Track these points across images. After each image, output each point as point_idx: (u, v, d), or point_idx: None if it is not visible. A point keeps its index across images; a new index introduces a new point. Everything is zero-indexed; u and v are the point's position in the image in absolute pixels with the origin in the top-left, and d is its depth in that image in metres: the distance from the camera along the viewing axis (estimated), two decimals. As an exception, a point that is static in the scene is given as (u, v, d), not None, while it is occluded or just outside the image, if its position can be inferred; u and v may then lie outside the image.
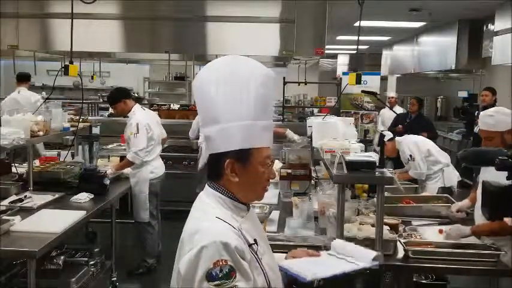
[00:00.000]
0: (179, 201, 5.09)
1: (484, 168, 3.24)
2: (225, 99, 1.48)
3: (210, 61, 1.61)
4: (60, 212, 3.59)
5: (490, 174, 2.68)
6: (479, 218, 3.20)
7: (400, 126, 7.39)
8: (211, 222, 1.46)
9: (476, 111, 7.55)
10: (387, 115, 8.67)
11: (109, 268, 4.27)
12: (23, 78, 6.86)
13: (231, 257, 1.39)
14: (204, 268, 1.37)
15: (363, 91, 7.66)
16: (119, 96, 4.79)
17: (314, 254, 1.94)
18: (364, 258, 1.88)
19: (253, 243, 1.50)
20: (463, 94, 10.50)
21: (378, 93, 8.36)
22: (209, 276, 1.36)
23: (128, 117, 4.80)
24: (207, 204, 1.53)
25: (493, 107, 6.90)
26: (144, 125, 4.67)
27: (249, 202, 1.61)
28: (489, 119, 3.13)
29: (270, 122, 1.55)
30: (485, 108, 7.06)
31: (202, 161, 6.39)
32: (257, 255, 1.50)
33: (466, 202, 3.49)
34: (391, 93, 9.25)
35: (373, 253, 1.89)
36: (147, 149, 4.72)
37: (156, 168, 4.87)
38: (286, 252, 1.99)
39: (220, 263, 1.37)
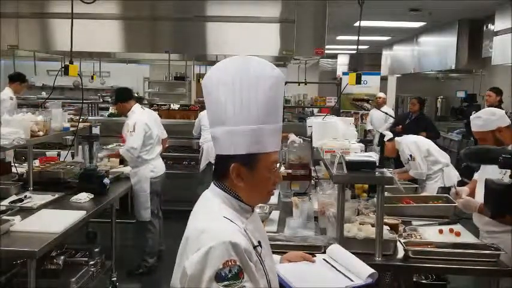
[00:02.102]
0: (179, 201, 5.09)
1: (483, 167, 3.26)
2: (234, 102, 1.45)
3: (210, 61, 1.60)
4: (60, 212, 3.59)
5: (491, 174, 2.69)
6: (476, 216, 3.22)
7: (399, 126, 7.40)
8: (219, 221, 1.44)
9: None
10: (375, 115, 8.72)
11: (109, 268, 4.26)
12: (13, 79, 6.94)
13: (240, 257, 1.37)
14: (213, 268, 1.35)
15: (354, 99, 7.85)
16: (120, 97, 4.92)
17: (309, 259, 1.93)
18: (359, 273, 1.83)
19: (258, 245, 1.49)
20: (461, 94, 10.52)
21: (370, 99, 8.49)
22: (218, 277, 1.34)
23: (127, 116, 4.88)
24: (213, 202, 1.52)
25: (497, 107, 6.95)
26: (141, 124, 4.72)
27: (254, 205, 1.59)
28: (477, 121, 3.22)
29: (279, 125, 1.53)
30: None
31: (204, 162, 6.40)
32: (261, 257, 1.49)
33: (465, 188, 3.52)
34: (380, 93, 9.29)
35: (369, 270, 1.84)
36: (146, 148, 4.76)
37: (156, 167, 4.89)
38: (284, 253, 1.99)
39: (230, 263, 1.35)
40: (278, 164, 1.55)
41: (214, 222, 1.44)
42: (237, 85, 1.46)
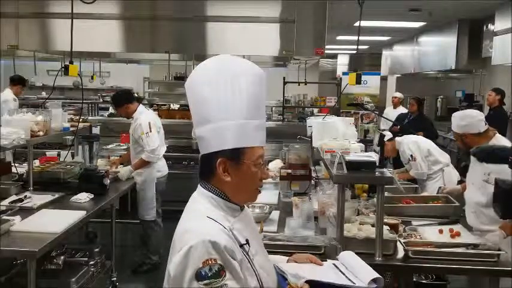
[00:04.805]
0: (179, 201, 5.08)
1: (472, 171, 3.26)
2: (218, 99, 1.48)
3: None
4: (60, 212, 3.59)
5: (476, 177, 2.69)
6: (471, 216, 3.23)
7: (397, 126, 7.39)
8: (200, 221, 1.46)
9: None
10: (390, 115, 8.69)
11: (109, 268, 4.27)
12: (14, 82, 7.00)
13: (220, 255, 1.38)
14: (193, 267, 1.36)
15: (348, 104, 7.92)
16: (122, 101, 4.85)
17: (316, 262, 1.90)
18: (363, 276, 1.79)
19: (245, 244, 1.49)
20: (459, 94, 10.54)
21: (366, 102, 8.55)
22: (198, 276, 1.36)
23: (132, 118, 4.83)
24: (199, 204, 1.53)
25: (498, 107, 6.96)
26: (154, 123, 4.76)
27: (242, 203, 1.59)
28: (452, 120, 3.50)
29: (263, 121, 1.55)
30: (490, 108, 7.08)
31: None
32: (248, 255, 1.49)
33: (457, 187, 3.59)
34: (396, 93, 9.30)
35: (374, 274, 1.79)
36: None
37: (162, 167, 4.99)
38: (288, 253, 1.98)
39: (210, 262, 1.36)
40: (264, 161, 1.56)
41: (195, 222, 1.46)
42: (221, 83, 1.49)
